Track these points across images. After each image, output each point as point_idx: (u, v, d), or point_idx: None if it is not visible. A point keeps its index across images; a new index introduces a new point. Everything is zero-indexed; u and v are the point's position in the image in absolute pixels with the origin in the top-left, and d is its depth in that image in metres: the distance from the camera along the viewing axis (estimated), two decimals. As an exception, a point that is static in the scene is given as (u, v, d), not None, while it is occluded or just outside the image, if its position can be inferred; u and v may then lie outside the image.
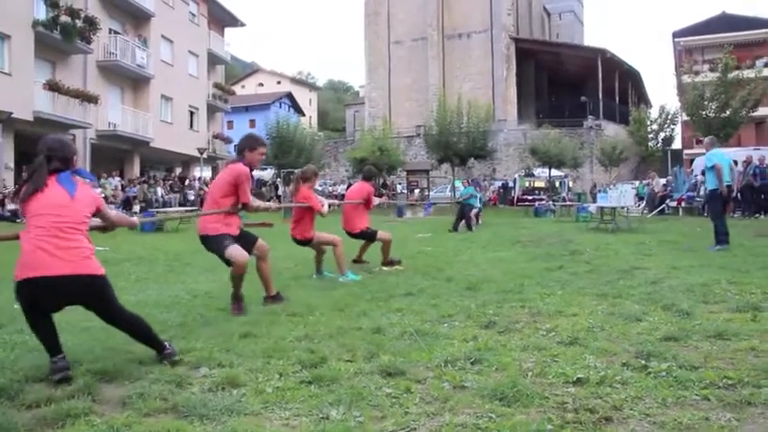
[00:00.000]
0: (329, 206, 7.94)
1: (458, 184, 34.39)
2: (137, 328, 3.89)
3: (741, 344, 4.04)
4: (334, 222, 8.94)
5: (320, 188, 37.40)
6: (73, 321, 5.08)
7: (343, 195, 36.82)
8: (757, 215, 18.82)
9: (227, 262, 5.45)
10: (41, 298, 3.57)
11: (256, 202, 5.72)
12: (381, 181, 38.59)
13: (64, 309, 3.80)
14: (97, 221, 4.01)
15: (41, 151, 3.75)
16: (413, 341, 4.32)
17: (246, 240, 5.64)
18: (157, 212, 18.81)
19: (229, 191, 5.50)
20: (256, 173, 40.94)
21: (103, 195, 23.87)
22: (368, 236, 8.81)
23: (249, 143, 5.77)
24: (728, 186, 10.47)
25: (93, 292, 3.70)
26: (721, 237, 10.04)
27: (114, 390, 3.39)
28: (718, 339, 4.18)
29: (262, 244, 5.78)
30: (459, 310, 5.38)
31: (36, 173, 3.67)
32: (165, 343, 3.97)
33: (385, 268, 8.60)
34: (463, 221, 17.33)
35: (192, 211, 19.51)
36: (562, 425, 2.77)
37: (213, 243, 5.46)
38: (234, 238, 5.50)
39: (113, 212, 4.20)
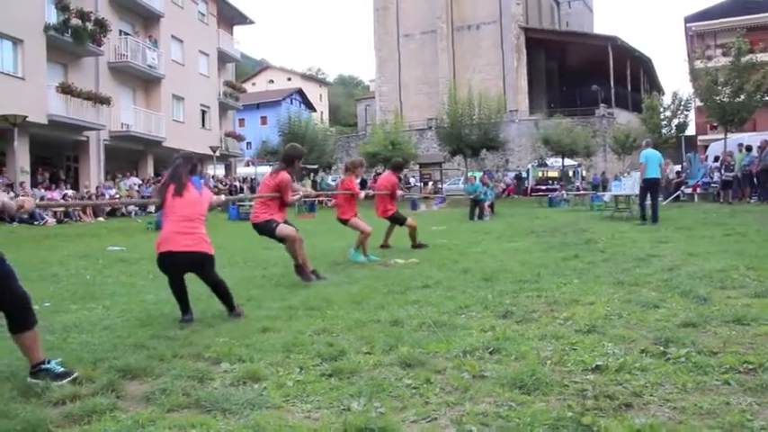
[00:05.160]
0: (365, 195, 9.32)
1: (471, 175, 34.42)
2: (222, 291, 5.16)
3: (761, 329, 4.02)
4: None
5: (332, 182, 37.44)
6: (94, 320, 5.16)
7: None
8: (774, 200, 18.60)
9: (281, 240, 6.83)
10: (172, 265, 4.99)
11: (293, 197, 7.02)
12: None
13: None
14: None
15: (180, 158, 5.26)
16: (431, 332, 4.34)
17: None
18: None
19: (275, 192, 6.94)
20: (266, 169, 41.21)
21: (118, 196, 24.04)
22: (397, 220, 9.99)
23: (299, 154, 7.24)
24: (656, 178, 13.40)
25: (202, 265, 5.07)
26: (643, 215, 13.29)
27: (137, 386, 3.44)
28: (737, 324, 4.17)
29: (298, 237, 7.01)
30: (475, 301, 5.39)
31: (178, 177, 5.10)
32: (236, 305, 5.22)
33: (415, 250, 9.76)
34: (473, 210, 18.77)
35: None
36: (582, 412, 2.77)
37: (264, 228, 6.84)
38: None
39: (215, 199, 5.64)
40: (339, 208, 9.05)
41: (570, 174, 40.28)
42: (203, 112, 36.08)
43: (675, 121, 34.98)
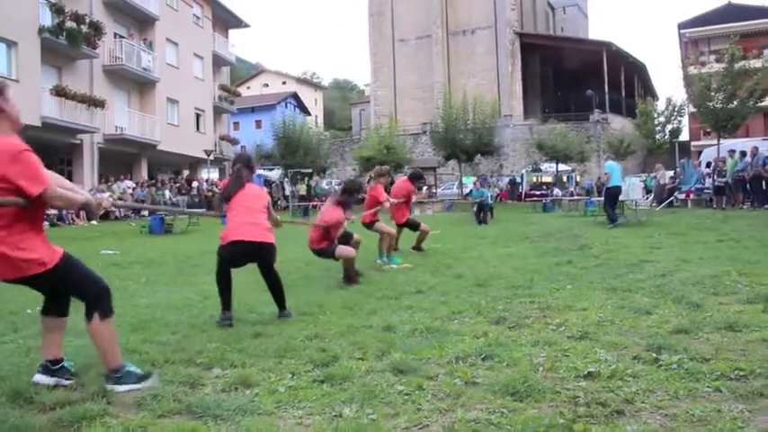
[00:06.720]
0: (389, 203, 9.73)
1: (467, 181, 34.46)
2: (278, 287, 5.31)
3: (752, 335, 4.03)
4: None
5: (327, 187, 37.43)
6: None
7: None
8: (767, 206, 18.66)
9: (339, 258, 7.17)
10: (236, 254, 5.14)
11: (337, 230, 7.25)
12: (390, 180, 38.58)
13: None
14: None
15: (241, 161, 5.57)
16: (423, 338, 4.33)
17: (346, 237, 7.47)
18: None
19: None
20: (263, 172, 41.19)
21: (114, 198, 23.99)
22: (411, 225, 10.31)
23: (356, 188, 8.05)
24: (620, 186, 15.16)
25: (267, 255, 5.26)
26: (613, 218, 14.28)
27: (128, 391, 3.41)
28: (729, 331, 4.17)
29: (357, 239, 7.66)
30: (468, 307, 5.39)
31: (239, 176, 5.37)
32: (288, 306, 5.36)
33: (414, 252, 10.19)
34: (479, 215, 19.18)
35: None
36: (574, 419, 2.77)
37: (325, 253, 7.21)
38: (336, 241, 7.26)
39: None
40: (365, 214, 9.34)
41: (564, 179, 40.32)
42: (198, 116, 36.03)
43: (669, 127, 35.12)
